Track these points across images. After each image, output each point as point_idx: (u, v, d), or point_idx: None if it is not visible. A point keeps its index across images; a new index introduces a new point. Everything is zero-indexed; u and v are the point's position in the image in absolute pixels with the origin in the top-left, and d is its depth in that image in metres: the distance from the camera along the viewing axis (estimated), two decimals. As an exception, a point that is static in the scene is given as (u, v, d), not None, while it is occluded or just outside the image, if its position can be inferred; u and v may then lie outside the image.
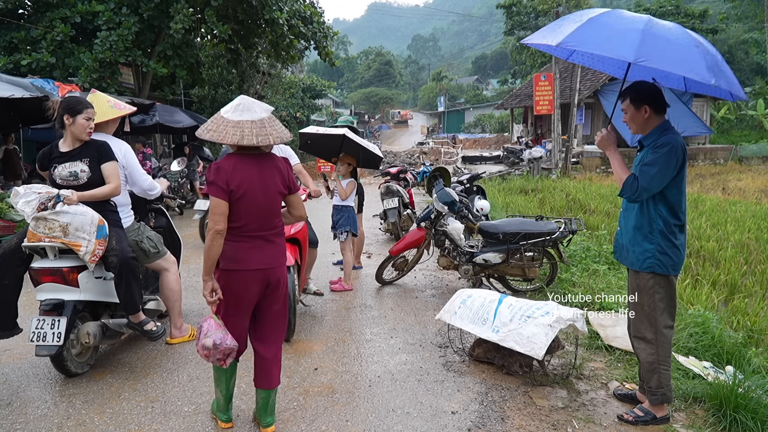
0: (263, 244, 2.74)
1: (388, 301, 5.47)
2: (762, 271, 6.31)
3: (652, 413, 3.08)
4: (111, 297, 3.64)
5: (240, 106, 2.65)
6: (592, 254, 6.55)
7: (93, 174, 3.48)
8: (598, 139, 3.13)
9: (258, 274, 2.71)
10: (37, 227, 3.28)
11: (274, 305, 2.86)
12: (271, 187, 2.72)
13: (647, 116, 2.97)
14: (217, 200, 2.59)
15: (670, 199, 2.91)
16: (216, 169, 2.62)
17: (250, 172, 2.66)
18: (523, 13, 42.04)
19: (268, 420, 2.95)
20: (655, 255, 2.93)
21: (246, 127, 2.58)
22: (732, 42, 38.76)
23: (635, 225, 3.01)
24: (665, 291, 2.98)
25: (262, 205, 2.69)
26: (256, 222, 2.69)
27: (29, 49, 11.14)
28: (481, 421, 3.11)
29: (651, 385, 3.04)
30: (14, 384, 3.53)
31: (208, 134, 2.60)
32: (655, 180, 2.82)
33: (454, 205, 5.67)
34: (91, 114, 3.50)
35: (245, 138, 2.56)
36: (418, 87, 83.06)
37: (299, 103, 26.17)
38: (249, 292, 2.72)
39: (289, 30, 14.29)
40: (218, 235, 2.59)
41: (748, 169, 19.75)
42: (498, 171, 19.86)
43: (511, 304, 3.68)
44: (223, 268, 2.69)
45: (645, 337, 3.04)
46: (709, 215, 9.76)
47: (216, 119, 2.65)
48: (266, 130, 2.61)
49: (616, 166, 2.99)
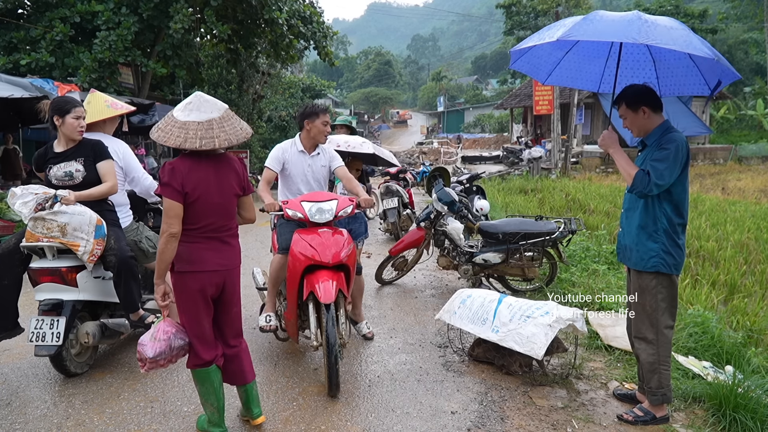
0: (219, 246, 2.68)
1: (388, 301, 5.47)
2: (761, 271, 6.31)
3: (652, 413, 3.07)
4: (110, 297, 3.64)
5: (189, 105, 2.52)
6: (592, 254, 6.55)
7: (88, 173, 3.48)
8: (602, 139, 3.14)
9: (215, 275, 2.66)
10: (36, 227, 3.28)
11: (232, 308, 2.82)
12: (227, 189, 2.67)
13: (647, 116, 2.98)
14: (172, 202, 2.49)
15: (675, 197, 2.91)
16: (170, 170, 2.51)
17: (205, 173, 2.59)
18: (522, 13, 42.05)
19: (257, 410, 2.95)
20: (659, 254, 2.93)
21: (191, 128, 2.47)
22: (732, 42, 38.77)
23: (639, 224, 3.00)
24: (668, 291, 2.98)
25: (218, 207, 2.63)
26: (212, 224, 2.63)
27: (29, 48, 11.13)
28: (480, 421, 3.11)
29: (651, 386, 3.03)
30: (14, 384, 3.53)
31: (155, 134, 2.49)
32: (665, 175, 2.81)
33: (453, 205, 5.66)
34: (80, 113, 3.48)
35: (188, 141, 2.45)
36: (417, 87, 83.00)
37: (299, 103, 26.09)
38: (206, 294, 2.65)
39: (288, 30, 14.27)
40: (172, 239, 2.51)
41: (748, 169, 19.76)
42: (497, 171, 19.87)
43: (510, 304, 3.67)
44: (179, 270, 2.59)
45: (646, 338, 3.04)
46: (709, 215, 9.77)
47: (167, 118, 2.53)
48: (212, 133, 2.49)
49: (622, 162, 2.98)
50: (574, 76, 3.55)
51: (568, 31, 2.78)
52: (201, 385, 2.77)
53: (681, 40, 2.66)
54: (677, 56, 3.11)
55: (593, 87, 3.51)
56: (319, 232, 3.41)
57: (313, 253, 3.27)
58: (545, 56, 3.50)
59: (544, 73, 3.58)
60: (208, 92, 19.37)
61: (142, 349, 2.61)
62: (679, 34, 2.71)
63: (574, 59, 3.45)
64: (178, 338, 2.67)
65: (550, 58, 3.50)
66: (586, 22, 2.82)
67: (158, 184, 2.55)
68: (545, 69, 3.57)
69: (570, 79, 3.60)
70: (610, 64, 3.39)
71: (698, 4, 42.14)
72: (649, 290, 3.00)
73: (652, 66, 3.28)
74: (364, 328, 4.41)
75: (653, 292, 2.99)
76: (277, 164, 4.03)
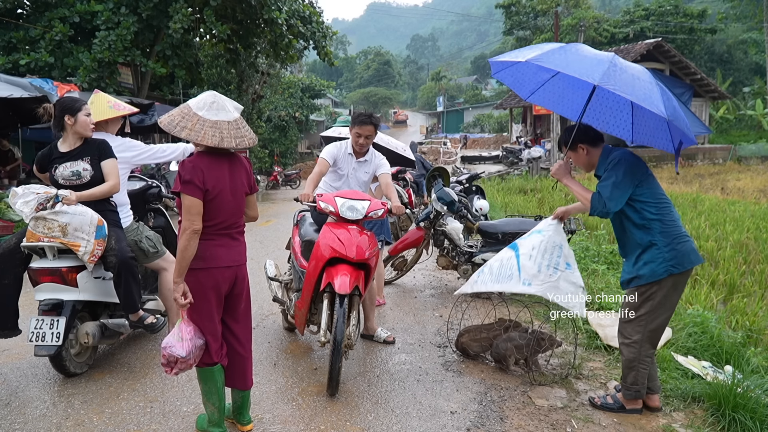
0: (229, 242, 2.72)
1: (388, 301, 5.47)
2: (761, 271, 6.32)
3: (621, 403, 3.20)
4: (110, 297, 3.64)
5: (215, 105, 2.57)
6: (591, 254, 6.56)
7: (95, 172, 3.48)
8: (554, 170, 3.22)
9: (227, 271, 2.70)
10: (36, 227, 3.28)
11: (241, 303, 2.85)
12: (239, 187, 2.72)
13: (586, 153, 3.16)
14: (193, 199, 2.52)
15: (646, 200, 2.97)
16: (192, 167, 2.54)
17: (222, 171, 2.64)
18: (522, 13, 42.05)
19: (248, 417, 2.97)
20: (664, 257, 2.93)
21: (224, 128, 2.53)
22: (731, 42, 38.79)
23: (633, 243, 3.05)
24: (683, 286, 3.06)
25: (231, 205, 2.68)
26: (225, 221, 2.67)
27: (28, 48, 11.13)
28: (480, 421, 3.11)
29: (627, 381, 3.12)
30: (13, 384, 3.53)
31: (183, 132, 2.49)
32: (616, 189, 2.92)
33: (453, 205, 5.67)
34: (89, 110, 3.52)
35: (225, 140, 2.51)
36: (417, 87, 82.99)
37: (298, 102, 26.15)
38: (219, 290, 2.69)
39: (288, 30, 14.27)
40: (195, 235, 2.53)
41: (747, 168, 19.78)
42: (497, 171, 19.88)
43: (530, 254, 3.45)
44: (192, 268, 2.60)
45: (631, 337, 3.08)
46: (708, 215, 9.78)
47: (189, 116, 2.53)
48: (242, 132, 2.58)
49: (578, 189, 3.10)
50: (557, 101, 3.56)
51: (539, 56, 2.90)
52: (204, 384, 2.78)
53: (640, 92, 2.73)
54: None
55: (573, 116, 3.46)
56: (348, 228, 3.47)
57: (339, 246, 3.33)
58: (531, 74, 3.51)
59: (528, 90, 3.59)
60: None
61: (172, 351, 2.59)
62: (643, 86, 2.79)
63: (560, 85, 3.46)
64: (198, 337, 2.69)
65: (536, 78, 3.51)
66: (561, 52, 2.95)
67: (179, 182, 2.56)
68: (529, 87, 3.58)
69: (552, 103, 3.61)
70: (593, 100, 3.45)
71: (698, 4, 42.15)
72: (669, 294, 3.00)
73: (630, 111, 3.27)
74: (382, 334, 4.34)
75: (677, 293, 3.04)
76: (331, 158, 4.25)
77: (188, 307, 2.68)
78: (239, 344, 2.85)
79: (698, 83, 24.18)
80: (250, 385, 2.91)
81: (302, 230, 4.09)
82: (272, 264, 4.61)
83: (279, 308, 4.66)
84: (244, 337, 2.89)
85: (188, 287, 2.62)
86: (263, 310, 5.05)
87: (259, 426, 3.02)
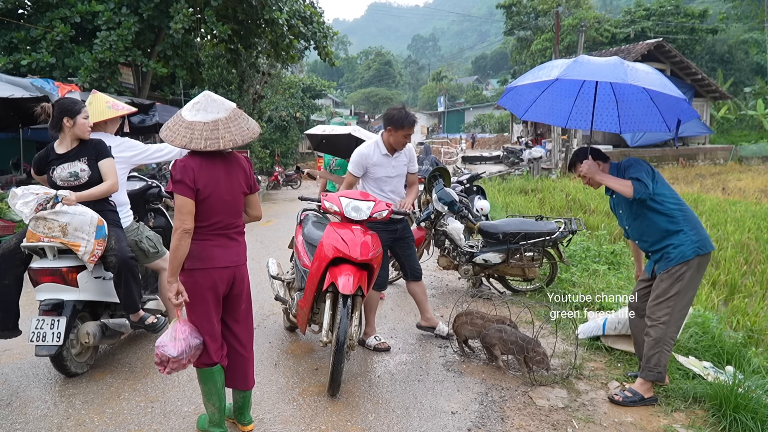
0: (227, 242, 2.70)
1: (388, 301, 5.46)
2: (762, 271, 6.31)
3: (640, 394, 3.27)
4: (110, 297, 3.64)
5: (197, 105, 2.55)
6: (592, 254, 6.55)
7: (93, 172, 3.48)
8: (585, 169, 3.38)
9: (225, 272, 2.68)
10: (37, 227, 3.28)
11: (241, 304, 2.83)
12: (236, 187, 2.70)
13: (600, 168, 3.39)
14: (184, 199, 2.51)
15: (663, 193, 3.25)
16: (182, 167, 2.53)
17: (216, 171, 2.61)
18: (522, 13, 42.03)
19: (249, 418, 2.96)
20: (691, 239, 3.18)
21: (197, 129, 2.50)
22: (732, 42, 38.71)
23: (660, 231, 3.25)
24: (705, 267, 3.31)
25: (227, 204, 2.66)
26: (221, 221, 2.66)
27: (29, 49, 11.12)
28: (480, 421, 3.11)
29: (651, 363, 3.22)
30: (14, 384, 3.53)
31: (164, 133, 2.52)
32: (647, 176, 3.19)
33: (454, 205, 5.66)
34: (87, 113, 3.52)
35: (193, 141, 2.49)
36: (418, 87, 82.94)
37: (299, 103, 26.13)
38: (216, 291, 2.68)
39: (288, 30, 14.26)
40: (186, 234, 2.53)
41: (748, 169, 19.77)
42: (498, 171, 19.87)
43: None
44: (189, 268, 2.60)
45: (660, 318, 3.22)
46: (709, 215, 9.77)
47: (176, 117, 2.56)
48: (218, 133, 2.52)
49: (614, 183, 3.28)
50: (547, 113, 3.89)
51: (563, 71, 3.11)
52: (204, 385, 2.77)
53: (658, 82, 3.05)
54: (638, 97, 3.49)
55: (562, 123, 3.88)
56: (352, 229, 3.47)
57: (343, 246, 3.32)
58: (526, 94, 3.83)
59: (522, 109, 3.91)
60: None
61: (164, 350, 2.59)
62: (655, 77, 3.10)
63: (548, 98, 3.79)
64: (194, 337, 2.68)
65: (529, 96, 3.83)
66: (576, 65, 3.18)
67: (170, 182, 2.57)
68: (523, 106, 3.89)
69: (543, 116, 3.92)
70: (577, 103, 3.76)
71: (698, 4, 42.13)
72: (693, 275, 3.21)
73: (615, 106, 3.63)
74: (373, 341, 4.19)
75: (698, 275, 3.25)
76: (360, 170, 4.12)
77: (186, 308, 2.68)
78: (240, 345, 2.84)
79: (699, 83, 24.16)
80: (251, 385, 2.90)
81: (305, 230, 4.09)
82: (275, 262, 4.60)
83: (281, 307, 4.66)
84: (245, 337, 2.88)
85: (186, 287, 2.62)
86: (264, 310, 5.05)
87: (259, 426, 3.01)
